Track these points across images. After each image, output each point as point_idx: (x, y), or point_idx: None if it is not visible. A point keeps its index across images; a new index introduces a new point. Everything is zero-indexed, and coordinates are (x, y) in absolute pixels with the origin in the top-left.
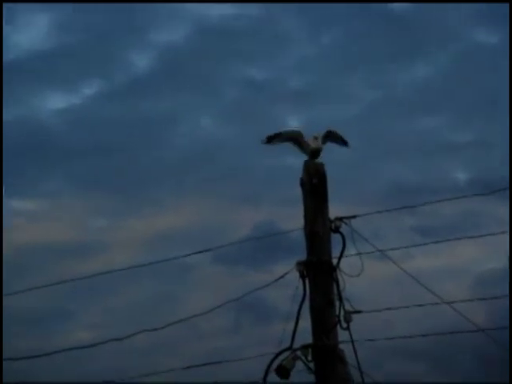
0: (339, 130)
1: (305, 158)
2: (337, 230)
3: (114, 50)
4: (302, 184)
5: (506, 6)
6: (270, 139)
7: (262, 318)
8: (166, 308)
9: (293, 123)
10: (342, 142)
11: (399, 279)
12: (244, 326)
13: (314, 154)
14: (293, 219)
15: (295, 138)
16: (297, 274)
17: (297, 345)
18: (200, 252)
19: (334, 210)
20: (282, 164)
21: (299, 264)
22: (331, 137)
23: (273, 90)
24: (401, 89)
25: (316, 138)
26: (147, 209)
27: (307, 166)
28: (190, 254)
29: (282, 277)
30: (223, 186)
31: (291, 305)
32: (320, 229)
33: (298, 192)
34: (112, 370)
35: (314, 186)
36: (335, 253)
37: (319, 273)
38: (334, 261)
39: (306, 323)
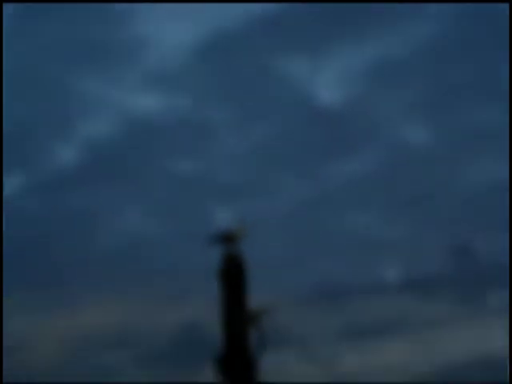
0: (271, 225)
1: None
2: (256, 322)
3: (37, 142)
4: (220, 275)
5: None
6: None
7: None
8: None
9: (222, 218)
10: None
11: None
12: None
13: (235, 239)
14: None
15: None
16: None
17: None
18: None
19: (259, 301)
20: (210, 260)
21: (215, 361)
22: None
23: (202, 184)
24: (333, 184)
25: (240, 225)
26: (68, 306)
27: (226, 257)
28: None
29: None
30: (147, 285)
31: None
32: (238, 321)
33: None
34: None
35: (233, 278)
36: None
37: (237, 368)
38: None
39: None
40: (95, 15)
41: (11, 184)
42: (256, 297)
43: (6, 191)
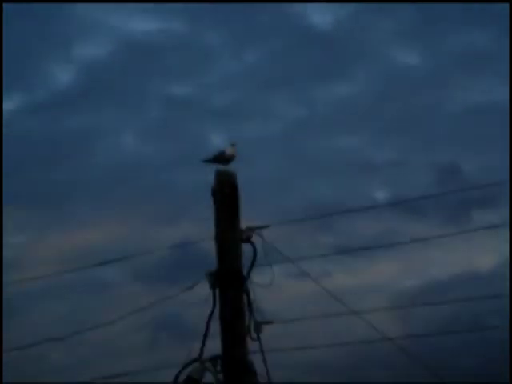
0: (262, 146)
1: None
2: (248, 240)
3: (35, 64)
4: (214, 193)
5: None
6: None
7: (181, 336)
8: (82, 325)
9: (216, 141)
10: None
11: (317, 297)
12: (161, 344)
13: (228, 159)
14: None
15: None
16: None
17: (207, 356)
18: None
19: (249, 222)
20: (205, 181)
21: (209, 274)
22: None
23: (196, 107)
24: (323, 107)
25: (233, 145)
26: (67, 225)
27: (219, 176)
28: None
29: (190, 288)
30: (144, 204)
31: (200, 316)
32: (230, 238)
33: None
34: None
35: (226, 196)
36: (247, 263)
37: (229, 283)
38: (246, 270)
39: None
40: None
41: (11, 105)
42: (248, 216)
43: (6, 113)
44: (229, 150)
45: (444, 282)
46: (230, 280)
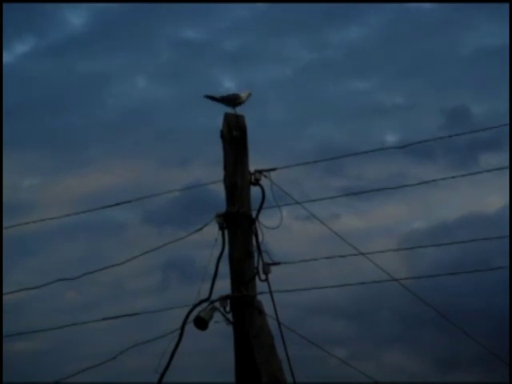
0: (274, 90)
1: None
2: (256, 183)
3: (48, 7)
4: (222, 136)
5: None
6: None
7: (191, 278)
8: (93, 266)
9: (228, 84)
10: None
11: (325, 239)
12: (171, 286)
13: (236, 102)
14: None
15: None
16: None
17: (216, 296)
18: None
19: (260, 166)
20: (217, 124)
21: (218, 216)
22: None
23: (208, 51)
24: (335, 51)
25: (249, 93)
26: (80, 168)
27: (228, 118)
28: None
29: (200, 229)
30: (157, 147)
31: (210, 257)
32: (239, 181)
33: None
34: (32, 323)
35: (235, 139)
36: (256, 206)
37: (238, 225)
38: (254, 213)
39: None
40: None
41: (23, 49)
42: (258, 160)
43: (18, 56)
44: (243, 95)
45: (451, 224)
46: (238, 222)
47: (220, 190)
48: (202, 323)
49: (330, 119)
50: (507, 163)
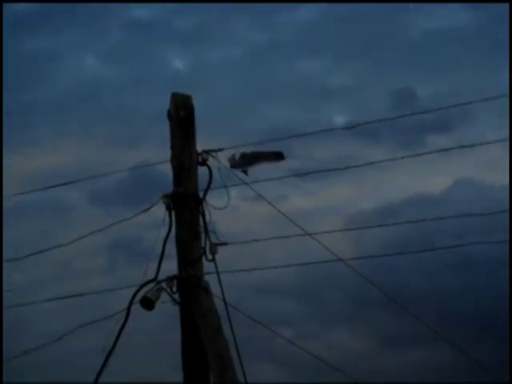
0: (223, 71)
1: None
2: (204, 163)
3: None
4: (169, 116)
5: None
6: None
7: (138, 258)
8: (40, 247)
9: (178, 64)
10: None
11: (272, 219)
12: (119, 266)
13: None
14: None
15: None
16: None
17: (163, 277)
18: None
19: (209, 146)
20: (166, 104)
21: (165, 196)
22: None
23: (158, 30)
24: (285, 32)
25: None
26: (26, 148)
27: (175, 98)
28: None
29: (147, 209)
30: (106, 127)
31: (157, 237)
32: (186, 161)
33: None
34: None
35: (182, 119)
36: (203, 186)
37: (185, 205)
38: (202, 194)
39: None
40: None
41: None
42: (206, 140)
43: None
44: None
45: (397, 205)
46: (185, 202)
47: (168, 170)
48: (148, 303)
49: (279, 100)
50: (454, 144)
